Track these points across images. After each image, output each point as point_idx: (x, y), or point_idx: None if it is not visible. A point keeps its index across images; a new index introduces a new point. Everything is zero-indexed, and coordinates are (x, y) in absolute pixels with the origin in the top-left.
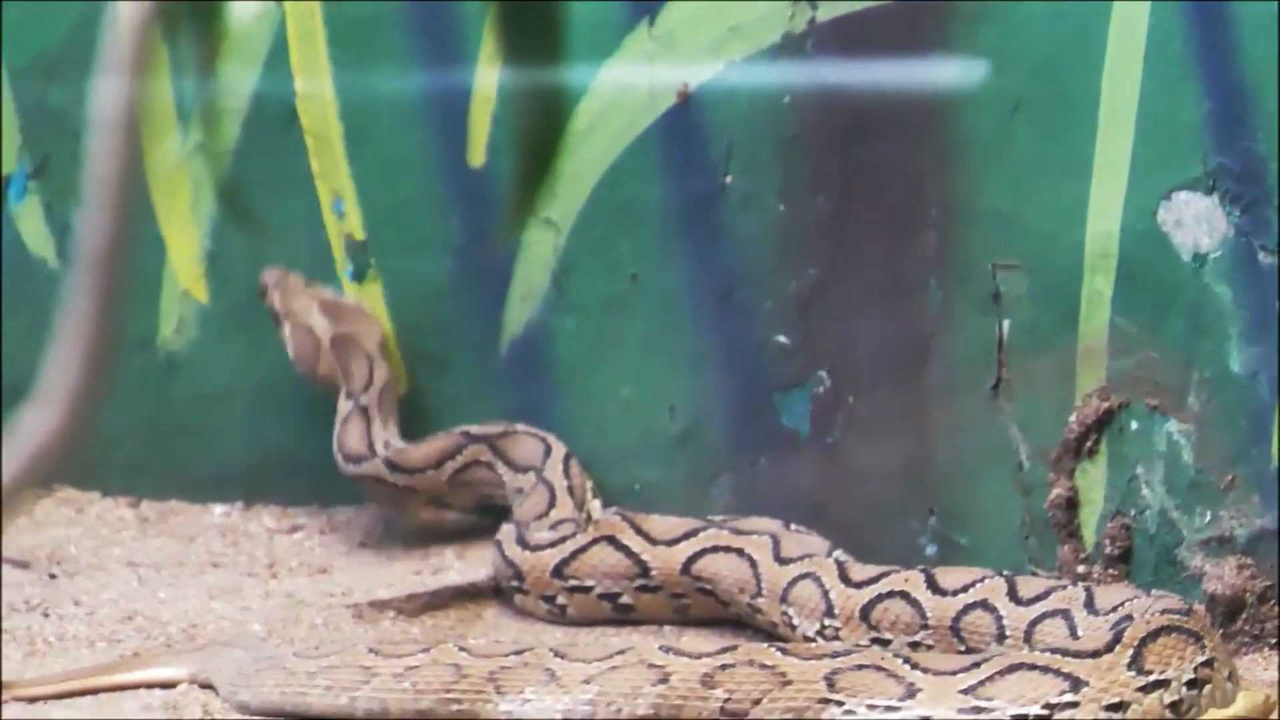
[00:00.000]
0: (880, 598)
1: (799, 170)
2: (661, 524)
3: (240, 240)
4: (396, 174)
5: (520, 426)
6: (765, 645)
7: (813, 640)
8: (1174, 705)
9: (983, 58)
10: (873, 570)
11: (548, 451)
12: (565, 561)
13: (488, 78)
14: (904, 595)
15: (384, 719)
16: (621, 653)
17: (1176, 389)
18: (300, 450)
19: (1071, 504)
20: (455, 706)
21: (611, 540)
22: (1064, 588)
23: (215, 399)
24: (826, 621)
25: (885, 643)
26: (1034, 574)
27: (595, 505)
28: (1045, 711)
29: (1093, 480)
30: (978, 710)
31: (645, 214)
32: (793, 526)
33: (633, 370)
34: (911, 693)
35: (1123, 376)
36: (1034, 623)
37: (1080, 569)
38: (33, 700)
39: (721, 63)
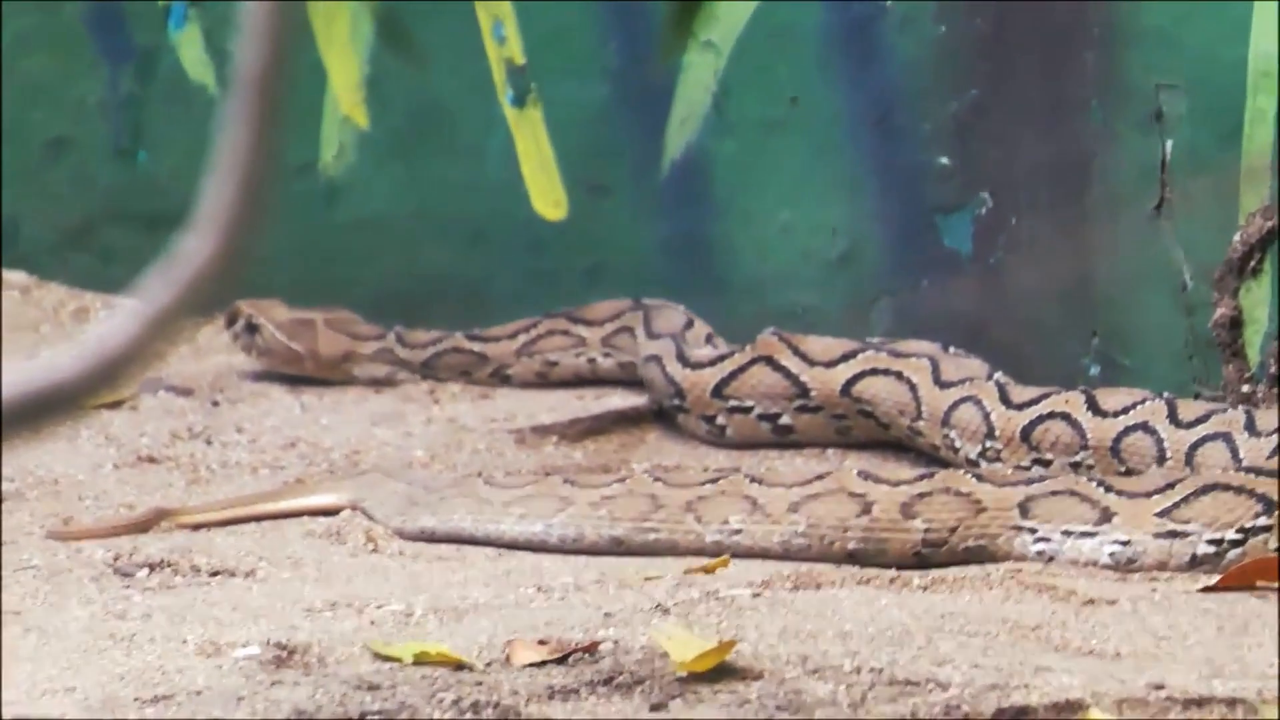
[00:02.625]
0: (1041, 419)
1: None
2: (819, 345)
3: (400, 67)
4: None
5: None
6: (961, 472)
7: (975, 464)
8: None
9: None
10: (1033, 392)
11: (689, 323)
12: (725, 381)
13: None
14: (1065, 416)
15: (579, 547)
16: (820, 478)
17: None
18: (455, 275)
19: (1235, 323)
20: (652, 536)
21: (770, 361)
22: (1224, 411)
23: (374, 224)
24: (988, 444)
25: (1046, 463)
26: (1197, 395)
27: None
28: (1240, 535)
29: (1256, 299)
30: (1173, 535)
31: (805, 37)
32: (951, 349)
33: (792, 193)
34: (1107, 516)
35: None
36: (1195, 446)
37: (1245, 389)
38: (196, 527)
39: None
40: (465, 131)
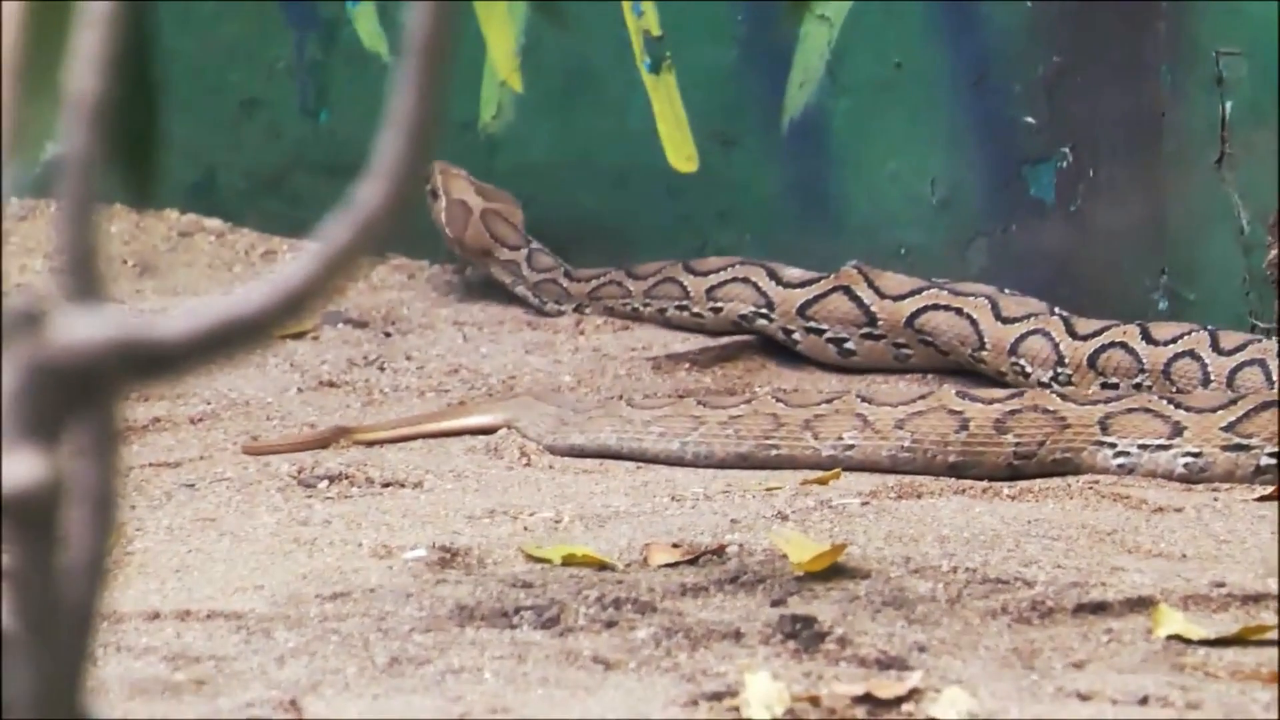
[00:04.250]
0: (1104, 348)
1: None
2: (893, 280)
3: (551, 36)
4: None
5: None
6: (1047, 391)
7: (1047, 386)
8: None
9: None
10: (1095, 324)
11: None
12: (809, 303)
13: None
14: (1123, 345)
15: (710, 462)
16: (923, 397)
17: None
18: (603, 217)
19: None
20: (774, 451)
21: (847, 291)
22: (1259, 340)
23: (530, 172)
24: (1059, 370)
25: (1113, 386)
26: (1253, 326)
27: None
28: None
29: None
30: (1239, 448)
31: (909, 9)
32: (1007, 291)
33: (899, 146)
34: (1178, 430)
35: None
36: (1234, 370)
37: None
38: (370, 444)
39: None
40: (610, 91)
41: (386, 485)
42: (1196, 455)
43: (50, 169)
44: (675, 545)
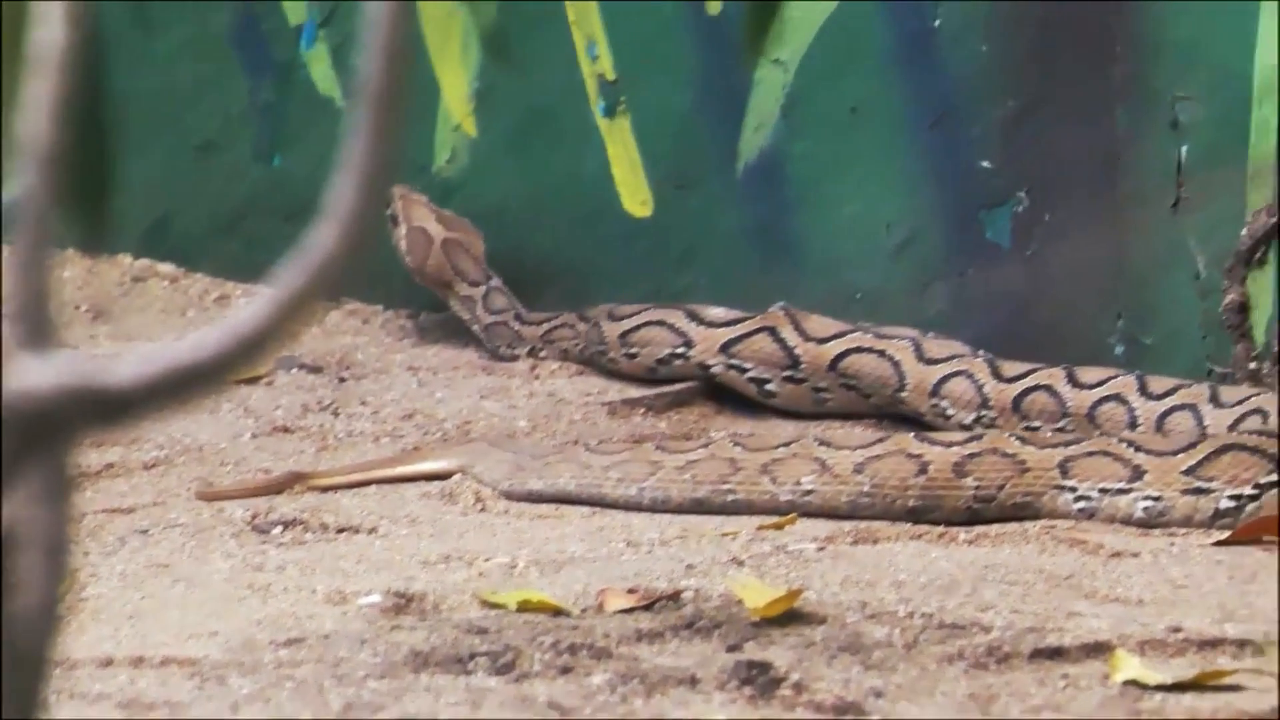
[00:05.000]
0: (1028, 391)
1: (1000, 12)
2: (819, 323)
3: (505, 81)
4: (643, 21)
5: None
6: (1006, 435)
7: (969, 429)
8: None
9: None
10: (1021, 366)
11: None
12: (733, 341)
13: None
14: (1048, 389)
15: (667, 508)
16: (881, 441)
17: None
18: (564, 261)
19: (1243, 308)
20: (731, 496)
21: (772, 332)
22: (1189, 385)
23: (487, 216)
24: (982, 412)
25: (1035, 429)
26: (1210, 371)
27: None
28: (1256, 491)
29: (1262, 286)
30: (1199, 491)
31: (865, 53)
32: (930, 334)
33: (855, 189)
34: (1139, 474)
35: None
36: (1163, 415)
37: (1251, 366)
38: (325, 489)
39: None
40: (564, 135)
41: (341, 531)
42: (1156, 499)
43: (3, 214)
44: (631, 591)
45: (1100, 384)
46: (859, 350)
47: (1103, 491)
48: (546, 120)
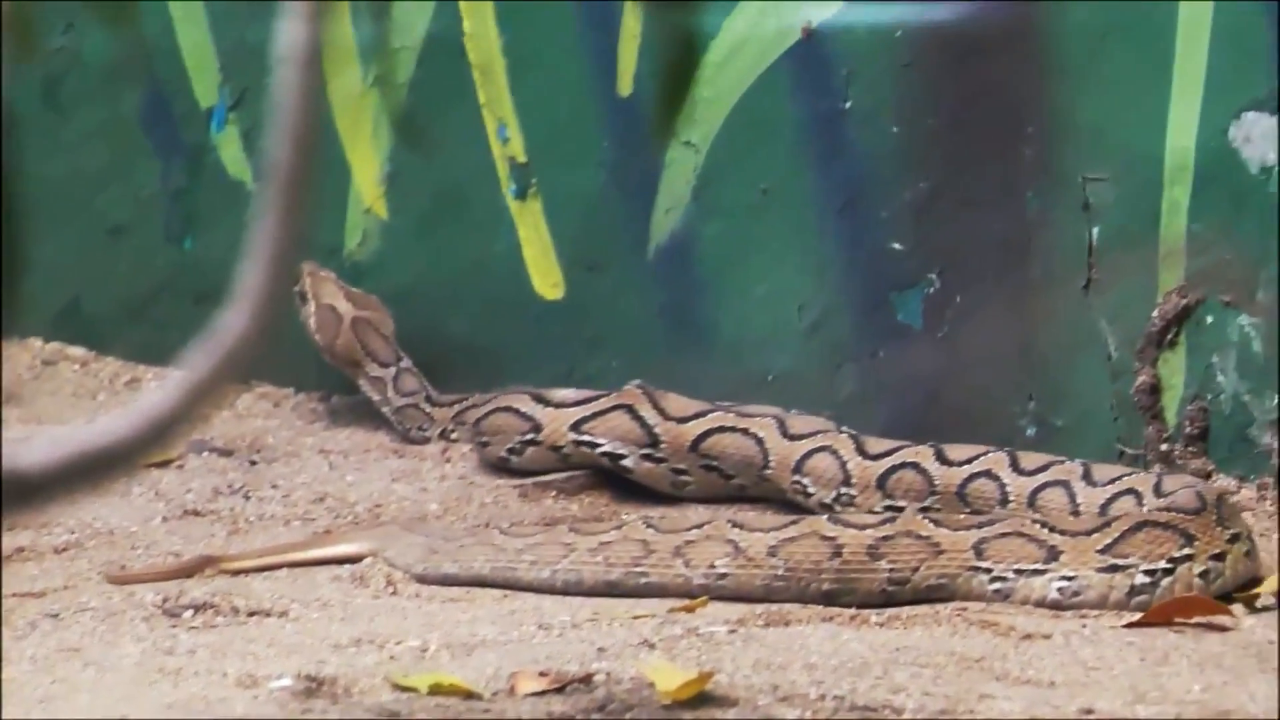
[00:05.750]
0: (895, 468)
1: (910, 95)
2: (677, 402)
3: (416, 163)
4: (554, 103)
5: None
6: (918, 517)
7: (829, 508)
8: (1249, 553)
9: None
10: (887, 443)
11: None
12: (585, 419)
13: (634, 16)
14: (915, 466)
15: (580, 590)
16: (794, 523)
17: (1247, 286)
18: (475, 344)
19: (1155, 389)
20: (644, 579)
21: (630, 409)
22: (1062, 462)
23: (398, 298)
24: (842, 490)
25: (899, 509)
26: (1121, 453)
27: None
28: (1170, 565)
29: (1173, 368)
30: (1114, 568)
31: (775, 135)
32: (793, 411)
33: (766, 271)
34: (1054, 554)
35: (1199, 275)
36: (1035, 491)
37: (1163, 447)
38: (236, 573)
39: (840, 1)
40: (475, 217)
41: (252, 614)
42: (1071, 578)
43: None
44: (542, 674)
45: (969, 460)
46: (721, 430)
47: (1018, 572)
48: (458, 202)
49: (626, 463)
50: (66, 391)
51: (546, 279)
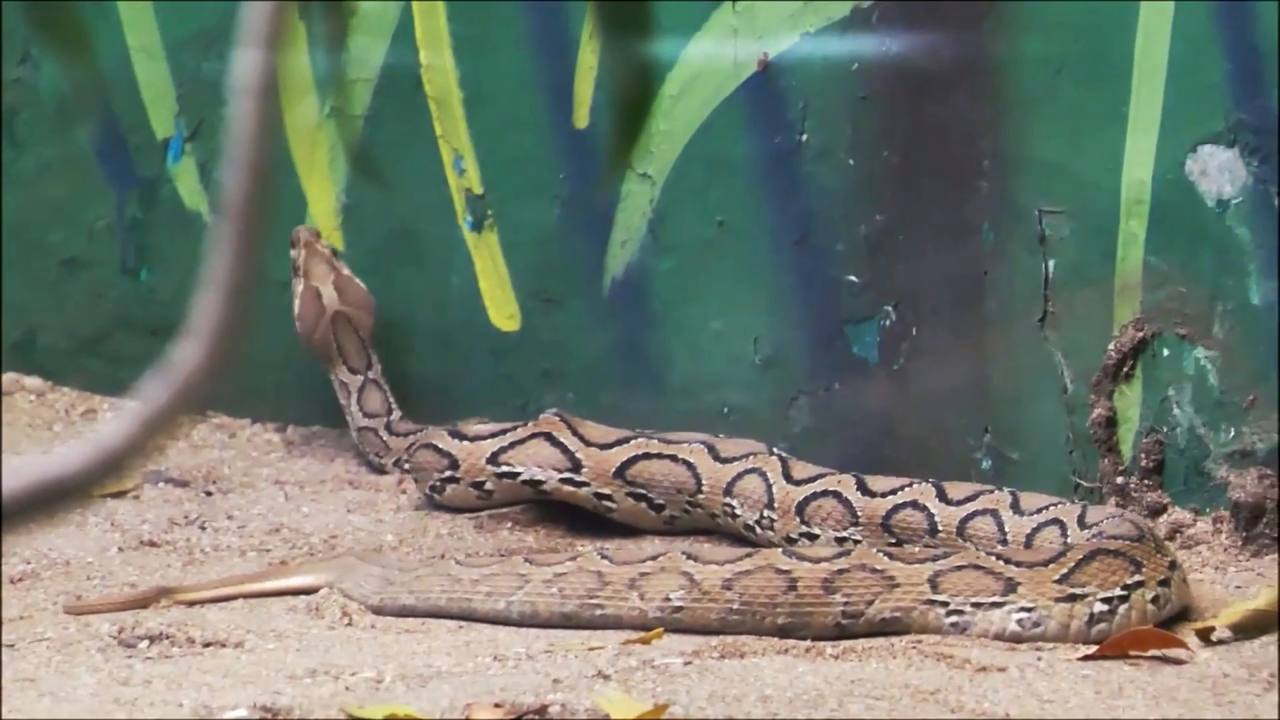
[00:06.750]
0: (816, 495)
1: (866, 128)
2: (596, 430)
3: (372, 195)
4: (511, 135)
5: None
6: (874, 550)
7: (752, 530)
8: (1184, 580)
9: (1029, 25)
10: (812, 469)
11: None
12: (503, 450)
13: (590, 50)
14: (837, 495)
15: (535, 622)
16: (749, 555)
17: (1203, 319)
18: (431, 376)
19: (1111, 422)
20: (599, 611)
21: (549, 437)
22: (990, 491)
23: None
24: (764, 513)
25: (814, 537)
26: (1077, 486)
27: None
28: (1124, 592)
29: (1129, 401)
30: (1073, 598)
31: (731, 168)
32: (721, 436)
33: (721, 305)
34: (1012, 586)
35: (1155, 309)
36: (965, 520)
37: (1119, 480)
38: (191, 604)
39: (797, 34)
40: (432, 250)
41: (208, 645)
42: (1030, 610)
43: None
44: (497, 705)
45: (894, 491)
46: (648, 456)
47: (976, 605)
48: (414, 234)
49: (546, 487)
50: (22, 422)
51: (503, 311)
